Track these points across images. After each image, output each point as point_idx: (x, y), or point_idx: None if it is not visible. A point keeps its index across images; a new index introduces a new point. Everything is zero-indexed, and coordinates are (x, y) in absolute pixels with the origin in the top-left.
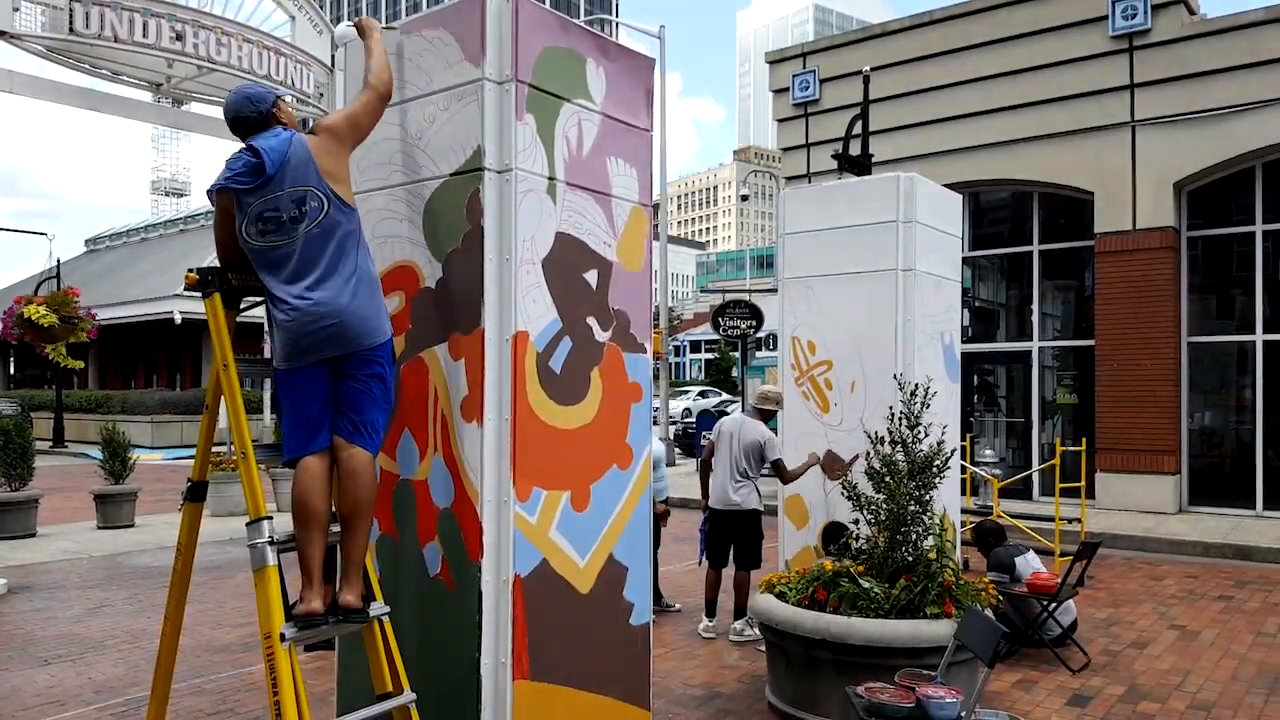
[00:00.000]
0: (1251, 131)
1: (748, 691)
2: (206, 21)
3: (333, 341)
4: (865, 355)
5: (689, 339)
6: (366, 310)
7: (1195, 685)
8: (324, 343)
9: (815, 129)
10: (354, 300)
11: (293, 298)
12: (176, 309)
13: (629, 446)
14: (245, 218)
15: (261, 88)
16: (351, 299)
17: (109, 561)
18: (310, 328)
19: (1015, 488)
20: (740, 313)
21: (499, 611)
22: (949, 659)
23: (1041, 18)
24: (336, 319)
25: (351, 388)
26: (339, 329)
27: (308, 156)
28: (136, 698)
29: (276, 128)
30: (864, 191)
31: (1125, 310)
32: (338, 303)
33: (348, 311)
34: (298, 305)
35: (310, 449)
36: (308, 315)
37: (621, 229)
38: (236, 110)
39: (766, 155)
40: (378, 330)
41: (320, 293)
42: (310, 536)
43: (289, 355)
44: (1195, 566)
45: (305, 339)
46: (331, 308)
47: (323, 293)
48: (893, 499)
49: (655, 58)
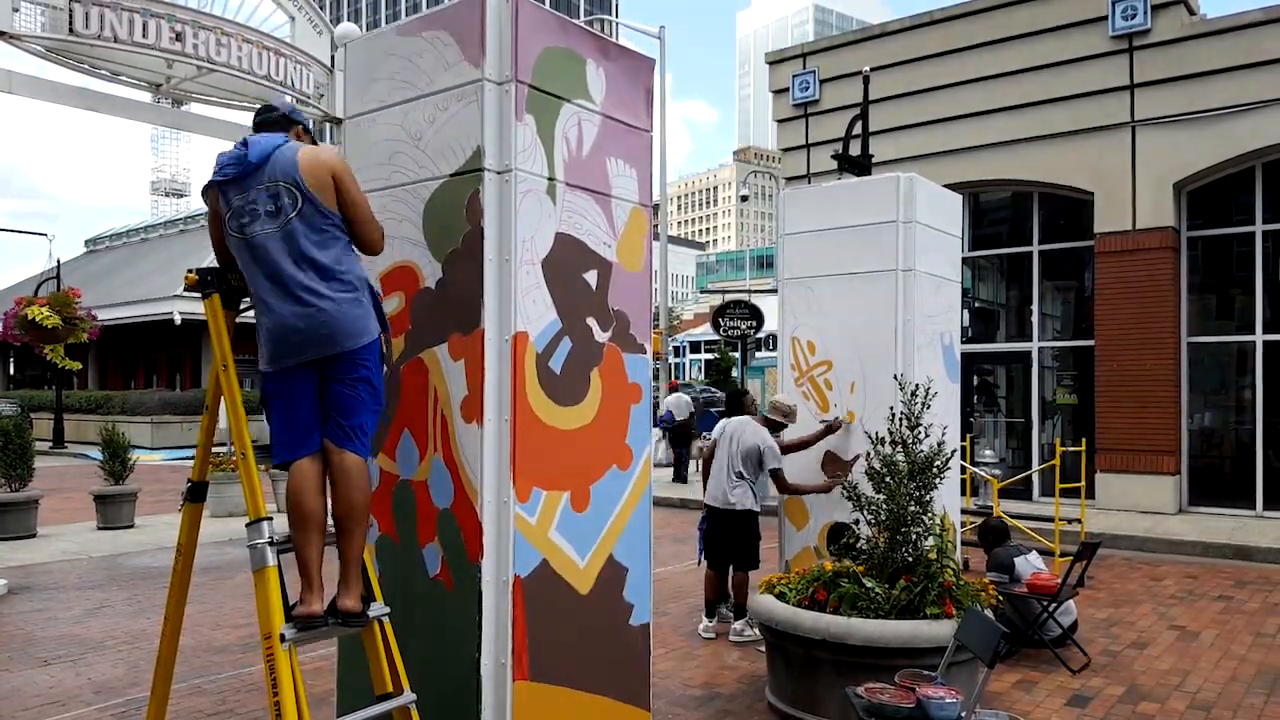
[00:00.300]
0: (1251, 131)
1: (748, 692)
2: (206, 22)
3: (314, 343)
4: (865, 356)
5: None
6: (349, 312)
7: (1195, 685)
8: (304, 344)
9: (815, 129)
10: (335, 302)
11: (272, 297)
12: (176, 309)
13: (629, 447)
14: (229, 211)
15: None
16: (333, 300)
17: (109, 562)
18: (290, 328)
19: (1015, 488)
20: (740, 313)
21: (499, 612)
22: (949, 659)
23: (1041, 18)
24: (317, 320)
25: (339, 392)
26: (319, 331)
27: (295, 160)
28: (136, 698)
29: (284, 134)
30: (864, 192)
31: (1125, 310)
32: (317, 304)
33: (328, 313)
34: (276, 306)
35: (300, 453)
36: (287, 316)
37: (621, 229)
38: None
39: (766, 156)
40: (363, 331)
41: (300, 293)
42: (307, 538)
43: (272, 357)
44: (1195, 567)
45: (285, 340)
46: (311, 308)
47: (303, 294)
48: (893, 499)
49: (655, 58)
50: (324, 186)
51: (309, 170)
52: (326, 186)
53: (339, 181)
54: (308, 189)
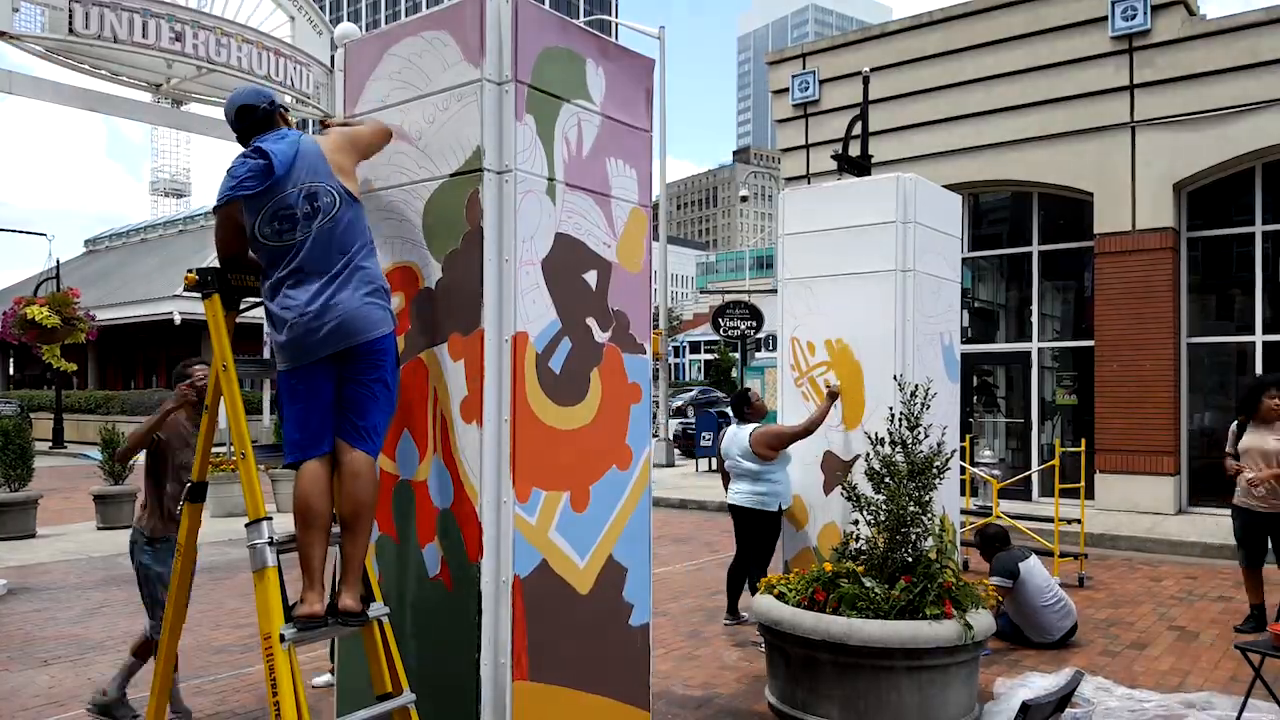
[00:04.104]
0: (1251, 132)
1: (747, 692)
2: (206, 22)
3: (334, 336)
4: (865, 356)
5: (689, 339)
6: (369, 304)
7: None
8: (326, 338)
9: (815, 130)
10: (357, 295)
11: (302, 295)
12: (176, 310)
13: (628, 447)
14: (258, 219)
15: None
16: (355, 293)
17: (108, 562)
18: (315, 324)
19: (1015, 488)
20: (740, 313)
21: (498, 612)
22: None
23: (1041, 19)
24: (341, 314)
25: (355, 390)
26: (341, 323)
27: (318, 152)
28: (136, 698)
29: (282, 128)
30: (864, 192)
31: (1125, 311)
32: (341, 295)
33: (351, 305)
34: (305, 303)
35: (312, 453)
36: (313, 312)
37: (621, 230)
38: (244, 100)
39: (766, 156)
40: (381, 322)
41: (330, 288)
42: (312, 539)
43: (295, 355)
44: (1195, 567)
45: (310, 335)
46: (337, 301)
47: (332, 288)
48: (893, 500)
49: (655, 58)
50: (348, 169)
51: (336, 163)
52: (349, 163)
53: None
54: (341, 185)
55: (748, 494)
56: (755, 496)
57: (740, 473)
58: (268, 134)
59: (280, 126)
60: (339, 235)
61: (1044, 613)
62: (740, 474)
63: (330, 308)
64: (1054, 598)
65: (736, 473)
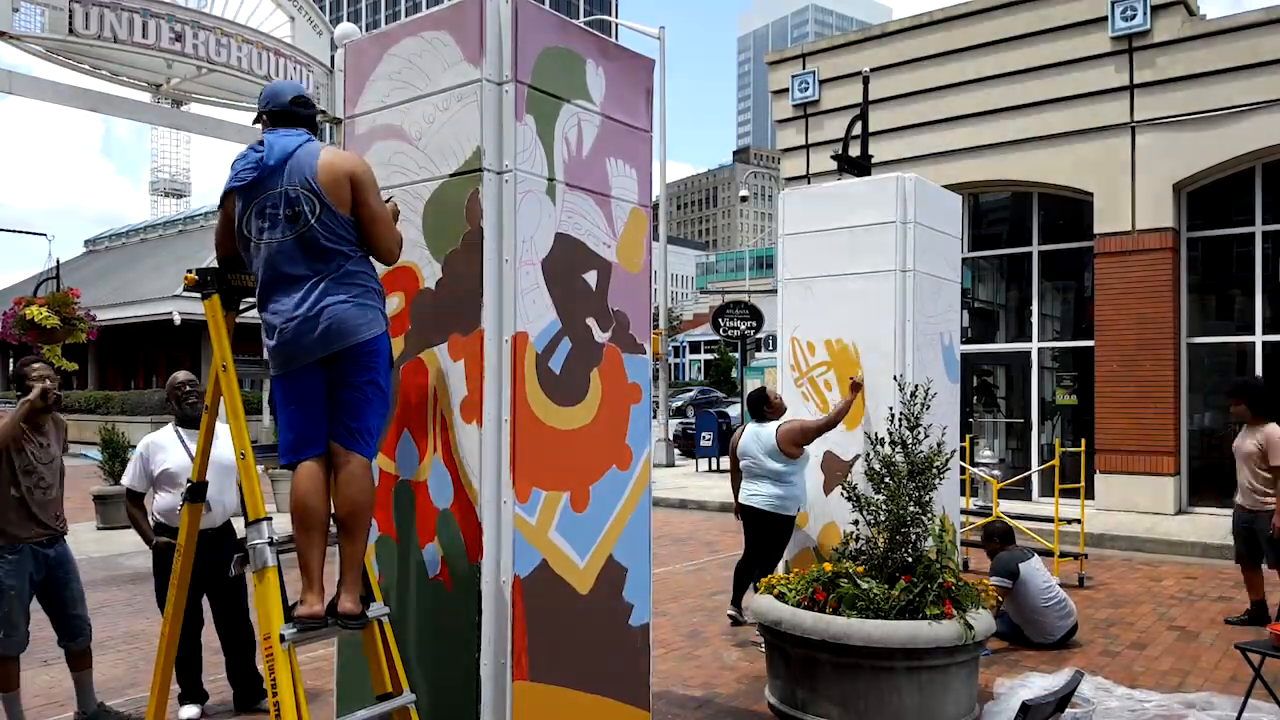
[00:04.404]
0: (1251, 132)
1: (747, 692)
2: (206, 22)
3: (324, 340)
4: (865, 356)
5: (689, 339)
6: (358, 305)
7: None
8: (316, 342)
9: (815, 130)
10: (346, 296)
11: (286, 302)
12: (176, 310)
13: (628, 447)
14: (246, 213)
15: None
16: (344, 295)
17: (109, 562)
18: (304, 328)
19: (1014, 488)
20: (740, 313)
21: (498, 612)
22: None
23: (1041, 19)
24: (330, 318)
25: (347, 393)
26: (331, 326)
27: (315, 165)
28: (136, 698)
29: (303, 130)
30: (864, 192)
31: (1125, 311)
32: (329, 299)
33: (340, 308)
34: (288, 311)
35: (305, 455)
36: (300, 316)
37: (621, 230)
38: (301, 91)
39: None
40: (370, 323)
41: (316, 293)
42: (310, 539)
43: (284, 361)
44: (1195, 567)
45: (295, 344)
46: (324, 304)
47: (318, 292)
48: (892, 500)
49: (655, 58)
50: (341, 191)
51: (328, 175)
52: (344, 191)
53: (357, 186)
54: (325, 196)
55: (768, 497)
56: (775, 500)
57: (761, 473)
58: (288, 130)
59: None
60: (322, 242)
61: (1044, 613)
62: (761, 474)
63: (319, 312)
64: (1054, 598)
65: (757, 473)
